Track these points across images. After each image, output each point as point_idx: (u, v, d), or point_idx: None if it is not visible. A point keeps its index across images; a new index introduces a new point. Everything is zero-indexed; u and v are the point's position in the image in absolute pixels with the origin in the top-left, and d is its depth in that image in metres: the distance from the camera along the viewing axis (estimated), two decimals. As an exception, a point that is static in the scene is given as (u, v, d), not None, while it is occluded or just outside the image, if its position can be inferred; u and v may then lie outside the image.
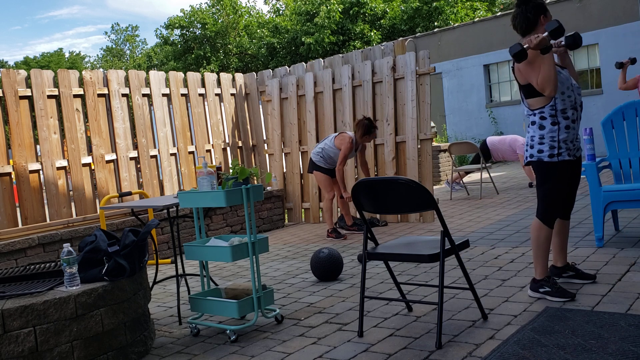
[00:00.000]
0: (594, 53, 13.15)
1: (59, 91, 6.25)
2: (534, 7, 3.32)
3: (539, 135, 3.33)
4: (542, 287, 3.37)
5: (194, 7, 27.29)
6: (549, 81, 3.16)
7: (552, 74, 3.15)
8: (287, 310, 3.72)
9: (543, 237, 3.35)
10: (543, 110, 3.30)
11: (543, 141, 3.31)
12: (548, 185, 3.33)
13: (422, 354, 2.74)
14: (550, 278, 3.38)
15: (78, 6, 77.44)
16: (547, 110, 3.29)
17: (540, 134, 3.32)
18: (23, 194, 5.85)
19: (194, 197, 3.35)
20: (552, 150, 3.30)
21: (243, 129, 8.27)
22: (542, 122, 3.31)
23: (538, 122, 3.33)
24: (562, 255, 3.65)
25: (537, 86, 3.21)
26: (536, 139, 3.34)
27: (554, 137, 3.29)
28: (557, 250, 3.65)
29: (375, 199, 3.06)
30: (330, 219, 6.27)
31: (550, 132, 3.30)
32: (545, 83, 3.17)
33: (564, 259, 3.65)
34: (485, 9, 22.86)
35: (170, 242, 6.27)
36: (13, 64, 42.76)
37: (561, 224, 3.59)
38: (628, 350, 2.49)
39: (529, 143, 3.39)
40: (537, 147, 3.33)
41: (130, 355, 3.05)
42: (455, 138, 15.22)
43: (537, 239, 3.37)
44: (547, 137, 3.30)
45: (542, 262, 3.37)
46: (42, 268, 3.29)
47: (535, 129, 3.35)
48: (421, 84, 6.89)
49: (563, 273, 3.64)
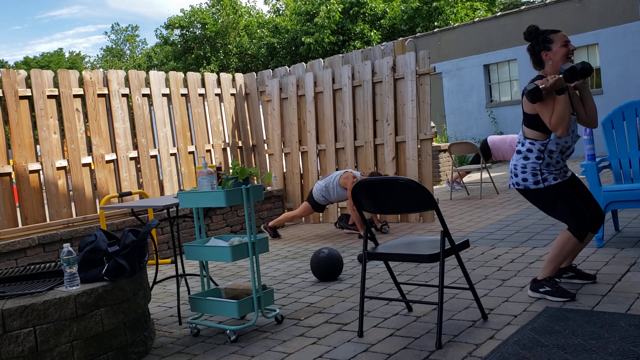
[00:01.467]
0: (594, 53, 13.15)
1: (59, 91, 6.25)
2: (537, 44, 3.35)
3: (521, 165, 3.38)
4: (542, 287, 3.37)
5: (194, 7, 27.30)
6: (562, 123, 3.17)
7: (567, 116, 3.17)
8: (287, 310, 3.72)
9: (569, 248, 3.33)
10: (534, 143, 3.34)
11: (525, 170, 3.36)
12: (559, 208, 3.31)
13: (422, 354, 2.74)
14: (551, 278, 3.37)
15: (78, 6, 77.47)
16: (537, 145, 3.33)
17: (523, 163, 3.37)
18: (23, 194, 5.85)
19: (194, 197, 3.35)
20: (536, 177, 3.33)
21: (243, 129, 8.27)
22: (528, 153, 3.36)
23: (524, 152, 3.38)
24: (571, 259, 3.63)
25: (549, 125, 3.21)
26: (519, 167, 3.39)
27: (535, 167, 3.34)
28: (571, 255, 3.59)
29: (375, 199, 3.06)
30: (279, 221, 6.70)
31: (532, 163, 3.34)
32: (558, 124, 3.17)
33: (570, 261, 3.63)
34: (485, 9, 22.87)
35: (170, 242, 6.27)
36: (13, 64, 42.76)
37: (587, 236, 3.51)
38: (628, 350, 2.49)
39: (513, 171, 3.44)
40: (521, 175, 3.38)
41: (130, 355, 3.05)
42: (455, 138, 15.22)
43: (561, 249, 3.33)
44: (529, 167, 3.35)
45: (554, 267, 3.36)
46: (42, 268, 3.29)
47: (519, 158, 3.40)
48: (421, 84, 6.89)
49: (563, 274, 3.63)
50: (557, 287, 3.32)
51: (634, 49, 12.41)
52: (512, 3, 23.68)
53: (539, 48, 3.34)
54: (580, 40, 13.14)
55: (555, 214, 3.36)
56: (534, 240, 4.99)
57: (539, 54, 3.35)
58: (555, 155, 3.34)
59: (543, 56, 3.33)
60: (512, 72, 14.58)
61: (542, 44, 3.33)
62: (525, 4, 22.30)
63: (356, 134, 7.38)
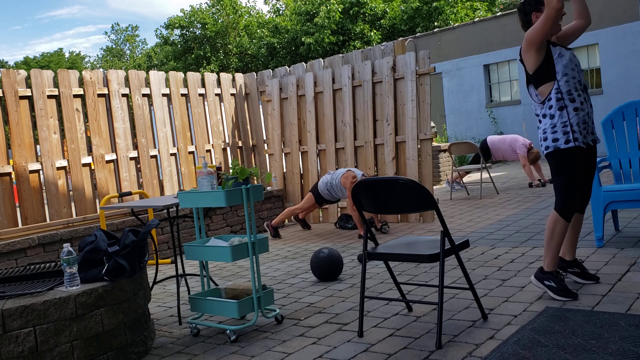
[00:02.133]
0: (594, 53, 13.15)
1: (59, 91, 6.25)
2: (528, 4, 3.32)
3: (550, 125, 3.31)
4: (548, 279, 3.35)
5: (194, 7, 27.31)
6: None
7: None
8: (287, 310, 3.72)
9: (559, 230, 3.31)
10: (550, 97, 3.28)
11: (555, 129, 3.28)
12: (564, 177, 3.29)
13: (422, 354, 2.74)
14: (558, 274, 3.35)
15: (78, 6, 77.47)
16: (554, 96, 3.27)
17: (552, 122, 3.30)
18: (23, 194, 5.85)
19: (194, 197, 3.35)
20: (567, 135, 3.26)
21: (243, 129, 8.27)
22: (550, 111, 3.30)
23: (548, 112, 3.31)
24: (572, 249, 3.62)
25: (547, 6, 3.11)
26: (548, 129, 3.32)
27: (565, 122, 3.27)
28: (568, 244, 3.61)
29: (375, 199, 3.06)
30: (281, 219, 6.69)
31: (561, 119, 3.27)
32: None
33: (573, 253, 3.62)
34: (485, 9, 22.87)
35: (170, 242, 6.27)
36: (13, 64, 42.76)
37: (576, 217, 3.56)
38: (628, 350, 2.49)
39: (542, 136, 3.37)
40: (551, 136, 3.31)
41: (130, 355, 3.05)
42: (455, 138, 15.22)
43: (552, 231, 3.33)
44: (559, 125, 3.28)
45: (553, 254, 3.34)
46: (42, 268, 3.28)
47: (546, 122, 3.33)
48: (421, 84, 6.89)
49: (569, 268, 3.60)
50: (563, 285, 3.31)
51: (634, 49, 12.41)
52: (512, 3, 23.68)
53: (530, 8, 3.30)
54: (580, 40, 13.14)
55: (557, 184, 3.34)
56: (534, 240, 4.99)
57: (530, 14, 3.31)
58: (575, 95, 3.29)
59: (533, 17, 3.30)
60: (512, 72, 14.58)
61: (533, 4, 3.29)
62: (525, 4, 22.26)
63: (356, 134, 7.38)
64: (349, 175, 6.20)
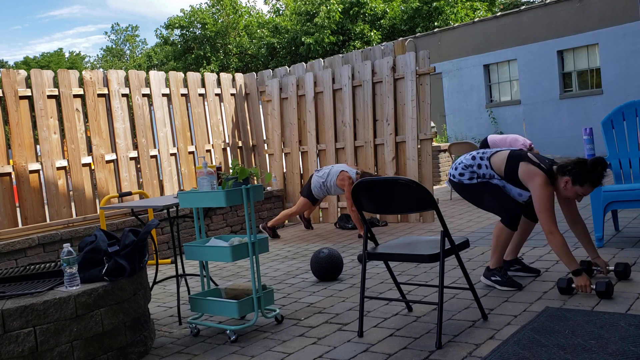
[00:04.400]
0: (594, 53, 13.15)
1: (59, 91, 6.25)
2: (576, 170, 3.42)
3: (464, 166, 3.66)
4: (493, 275, 3.67)
5: (194, 7, 27.31)
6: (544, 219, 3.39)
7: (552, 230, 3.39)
8: (287, 310, 3.72)
9: (504, 237, 3.62)
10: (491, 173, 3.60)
11: (464, 173, 3.65)
12: (486, 201, 3.64)
13: (422, 354, 2.74)
14: (502, 268, 3.66)
15: (78, 6, 77.46)
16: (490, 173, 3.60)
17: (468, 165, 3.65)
18: (23, 194, 5.85)
19: (194, 197, 3.35)
20: (472, 180, 3.65)
21: (243, 129, 8.27)
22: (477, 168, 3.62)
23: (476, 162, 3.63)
24: (516, 252, 3.91)
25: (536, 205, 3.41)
26: (460, 167, 3.68)
27: (475, 176, 3.63)
28: (512, 247, 3.90)
29: (375, 199, 3.06)
30: (278, 220, 6.66)
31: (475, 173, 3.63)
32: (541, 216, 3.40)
33: (516, 254, 3.92)
34: (485, 9, 22.87)
35: (170, 242, 6.27)
36: (13, 64, 42.77)
37: (526, 224, 3.86)
38: (628, 350, 2.49)
39: (456, 165, 3.73)
40: (459, 171, 3.69)
41: (130, 355, 3.05)
42: (455, 138, 15.22)
43: (497, 238, 3.63)
44: (469, 172, 3.64)
45: (498, 255, 3.66)
46: (42, 268, 3.28)
47: (469, 161, 3.66)
48: (421, 84, 6.89)
49: (510, 266, 3.90)
50: (507, 277, 3.64)
51: (634, 49, 12.41)
52: (512, 3, 23.67)
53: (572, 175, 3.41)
54: (580, 40, 13.15)
55: (486, 207, 3.68)
56: (534, 240, 4.99)
57: (566, 175, 3.43)
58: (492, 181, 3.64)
59: (564, 181, 3.44)
60: (512, 72, 14.58)
61: (577, 176, 3.40)
62: (525, 4, 22.30)
63: (356, 134, 7.38)
64: (344, 177, 6.19)
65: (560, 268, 3.99)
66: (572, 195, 3.46)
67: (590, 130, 4.53)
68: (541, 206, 3.38)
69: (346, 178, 6.16)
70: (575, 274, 3.31)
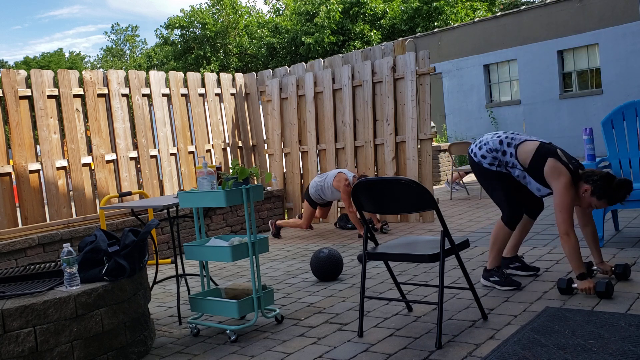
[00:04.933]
0: (594, 53, 13.15)
1: (59, 91, 6.25)
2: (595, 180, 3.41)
3: (489, 149, 3.59)
4: (492, 276, 3.68)
5: (194, 7, 27.32)
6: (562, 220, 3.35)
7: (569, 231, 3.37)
8: (287, 310, 3.72)
9: (502, 235, 3.65)
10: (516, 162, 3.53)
11: (487, 155, 3.59)
12: (497, 193, 3.64)
13: (422, 354, 2.74)
14: (499, 268, 3.68)
15: (78, 6, 77.48)
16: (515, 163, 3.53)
17: (492, 149, 3.57)
18: (23, 194, 5.85)
19: (194, 197, 3.35)
20: (492, 166, 3.60)
21: (243, 129, 8.27)
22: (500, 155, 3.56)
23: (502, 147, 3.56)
24: (515, 249, 3.92)
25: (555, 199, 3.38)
26: (485, 148, 3.60)
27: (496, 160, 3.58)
28: (512, 244, 3.91)
29: (375, 199, 3.06)
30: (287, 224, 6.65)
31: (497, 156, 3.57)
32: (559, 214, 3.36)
33: (515, 251, 3.93)
34: (485, 9, 22.86)
35: (170, 242, 6.27)
36: (13, 64, 42.77)
37: (526, 222, 3.87)
38: (628, 350, 2.49)
39: (479, 144, 3.65)
40: (480, 152, 3.62)
41: (130, 355, 3.05)
42: (455, 138, 15.22)
43: (496, 236, 3.67)
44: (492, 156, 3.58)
45: (496, 255, 3.69)
46: (42, 268, 3.28)
47: (495, 143, 3.57)
48: (421, 84, 6.89)
49: (510, 264, 3.91)
50: (505, 276, 3.66)
51: (634, 49, 12.41)
52: (512, 3, 23.68)
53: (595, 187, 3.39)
54: (580, 40, 13.15)
55: (494, 198, 3.69)
56: (534, 240, 4.99)
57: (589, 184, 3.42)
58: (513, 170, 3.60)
59: (585, 188, 3.42)
60: (512, 72, 14.58)
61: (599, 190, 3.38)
62: (525, 4, 22.30)
63: (356, 134, 7.38)
64: (341, 179, 6.18)
65: (560, 268, 3.99)
66: (585, 204, 3.45)
67: (590, 130, 4.53)
68: (562, 206, 3.35)
69: (342, 179, 6.15)
70: (580, 277, 3.31)
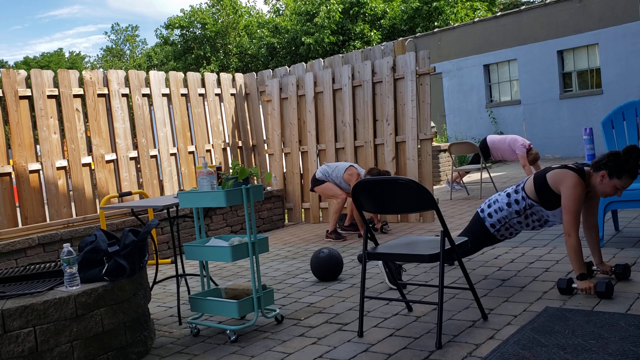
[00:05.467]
0: (594, 53, 13.15)
1: (59, 91, 6.25)
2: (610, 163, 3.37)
3: (499, 208, 3.73)
4: None
5: (194, 7, 27.31)
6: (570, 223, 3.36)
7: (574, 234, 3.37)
8: (287, 310, 3.72)
9: None
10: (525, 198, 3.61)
11: (496, 214, 3.74)
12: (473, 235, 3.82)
13: (422, 354, 2.74)
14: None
15: (79, 6, 77.50)
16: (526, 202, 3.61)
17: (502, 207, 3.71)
18: (23, 194, 5.85)
19: (194, 197, 3.35)
20: (495, 227, 3.77)
21: (243, 129, 8.27)
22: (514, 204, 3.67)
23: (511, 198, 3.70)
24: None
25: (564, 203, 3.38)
26: (494, 207, 3.76)
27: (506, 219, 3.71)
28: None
29: (375, 199, 3.06)
30: (335, 221, 6.23)
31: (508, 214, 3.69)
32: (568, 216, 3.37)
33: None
34: (485, 9, 22.86)
35: (170, 242, 6.27)
36: (13, 64, 42.76)
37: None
38: (628, 350, 2.49)
39: (491, 204, 3.80)
40: (489, 211, 3.79)
41: (130, 355, 3.05)
42: (455, 138, 15.22)
43: None
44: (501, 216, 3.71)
45: None
46: (42, 268, 3.28)
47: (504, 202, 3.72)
48: (421, 84, 6.89)
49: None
50: None
51: (634, 49, 12.41)
52: (512, 3, 23.68)
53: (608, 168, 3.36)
54: (580, 40, 13.15)
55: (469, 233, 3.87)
56: (534, 240, 4.99)
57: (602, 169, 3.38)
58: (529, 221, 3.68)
59: (601, 175, 3.39)
60: (512, 72, 14.57)
61: (613, 169, 3.35)
62: (525, 4, 22.30)
63: (356, 134, 7.38)
64: (353, 173, 6.11)
65: (560, 268, 3.99)
66: (611, 190, 3.36)
67: (590, 130, 4.53)
68: (569, 206, 3.34)
69: (355, 174, 6.09)
70: (581, 277, 3.31)
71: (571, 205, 3.34)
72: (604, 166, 3.37)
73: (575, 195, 3.34)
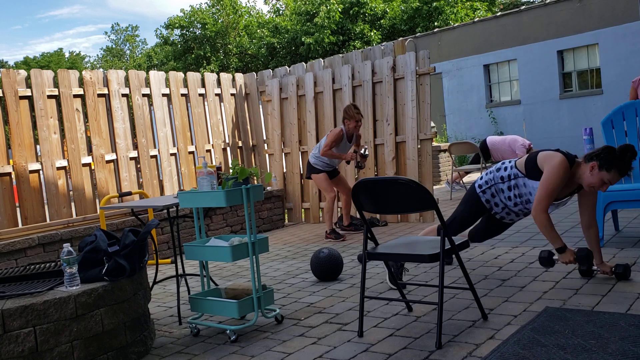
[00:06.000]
0: (594, 53, 13.15)
1: (59, 91, 6.25)
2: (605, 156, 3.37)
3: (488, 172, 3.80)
4: None
5: (194, 7, 27.32)
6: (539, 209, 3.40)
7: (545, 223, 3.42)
8: (287, 310, 3.72)
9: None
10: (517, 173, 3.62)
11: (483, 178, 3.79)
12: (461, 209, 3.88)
13: (422, 354, 2.74)
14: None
15: (79, 5, 77.53)
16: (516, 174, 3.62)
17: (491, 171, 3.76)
18: (23, 194, 5.85)
19: (194, 197, 3.35)
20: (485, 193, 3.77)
21: (243, 129, 8.27)
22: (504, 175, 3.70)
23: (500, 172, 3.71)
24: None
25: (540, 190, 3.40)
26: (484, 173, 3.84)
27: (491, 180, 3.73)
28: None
29: (375, 199, 3.06)
30: (330, 220, 6.22)
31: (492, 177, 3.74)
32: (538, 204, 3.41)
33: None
34: (485, 9, 22.87)
35: (170, 242, 6.27)
36: (13, 64, 42.77)
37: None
38: (628, 350, 2.49)
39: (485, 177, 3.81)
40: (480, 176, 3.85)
41: (130, 355, 3.05)
42: (455, 138, 15.22)
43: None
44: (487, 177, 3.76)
45: None
46: (42, 268, 3.28)
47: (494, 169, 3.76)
48: (421, 84, 6.89)
49: None
50: None
51: (634, 49, 12.41)
52: (512, 3, 23.68)
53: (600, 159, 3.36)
54: (580, 40, 13.15)
55: (456, 211, 3.91)
56: (534, 240, 4.99)
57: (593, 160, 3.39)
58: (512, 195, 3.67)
59: (591, 166, 3.38)
60: (512, 72, 14.58)
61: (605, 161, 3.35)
62: (525, 4, 22.30)
63: (356, 134, 7.37)
64: (335, 129, 6.12)
65: (560, 268, 3.99)
66: (598, 182, 3.35)
67: (590, 130, 4.53)
68: (546, 183, 3.35)
69: (337, 129, 6.09)
70: (560, 251, 3.34)
71: (548, 182, 3.34)
72: (597, 157, 3.36)
73: (556, 174, 3.33)
